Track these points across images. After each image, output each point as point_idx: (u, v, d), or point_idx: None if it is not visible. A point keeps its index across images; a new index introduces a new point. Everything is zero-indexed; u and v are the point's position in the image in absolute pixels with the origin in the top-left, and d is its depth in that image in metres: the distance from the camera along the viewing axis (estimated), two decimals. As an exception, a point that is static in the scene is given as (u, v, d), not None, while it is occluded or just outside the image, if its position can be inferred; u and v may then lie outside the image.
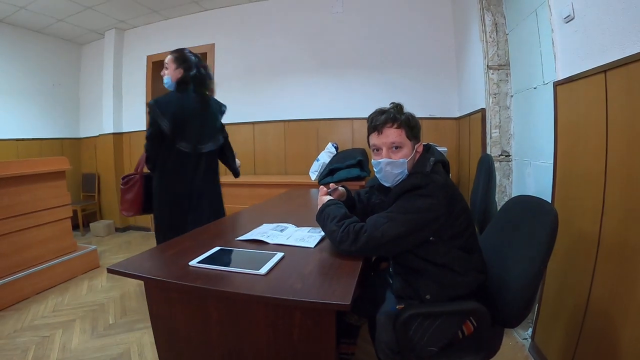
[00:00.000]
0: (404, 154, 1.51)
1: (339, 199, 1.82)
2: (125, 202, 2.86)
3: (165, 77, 2.69)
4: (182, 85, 2.65)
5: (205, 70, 2.76)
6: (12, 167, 3.47)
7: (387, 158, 1.51)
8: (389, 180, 1.56)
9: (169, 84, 2.68)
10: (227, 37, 5.39)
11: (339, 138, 4.76)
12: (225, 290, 1.20)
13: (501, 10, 3.16)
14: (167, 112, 2.52)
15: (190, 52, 2.72)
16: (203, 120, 2.73)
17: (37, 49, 5.79)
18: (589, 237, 1.76)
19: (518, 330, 2.52)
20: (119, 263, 1.44)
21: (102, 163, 6.22)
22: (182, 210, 2.65)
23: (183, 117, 2.58)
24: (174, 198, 2.66)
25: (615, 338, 1.56)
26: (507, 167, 3.14)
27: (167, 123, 2.51)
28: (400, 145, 1.51)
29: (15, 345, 2.60)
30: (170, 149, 2.60)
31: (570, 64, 1.95)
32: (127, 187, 2.84)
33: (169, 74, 2.67)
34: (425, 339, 1.39)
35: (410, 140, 1.52)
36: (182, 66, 2.65)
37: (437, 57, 4.50)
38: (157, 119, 2.50)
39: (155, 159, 2.65)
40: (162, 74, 2.71)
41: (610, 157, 1.64)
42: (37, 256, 3.65)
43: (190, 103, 2.64)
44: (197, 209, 2.70)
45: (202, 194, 2.75)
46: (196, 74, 2.67)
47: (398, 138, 1.50)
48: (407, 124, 1.51)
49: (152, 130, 2.54)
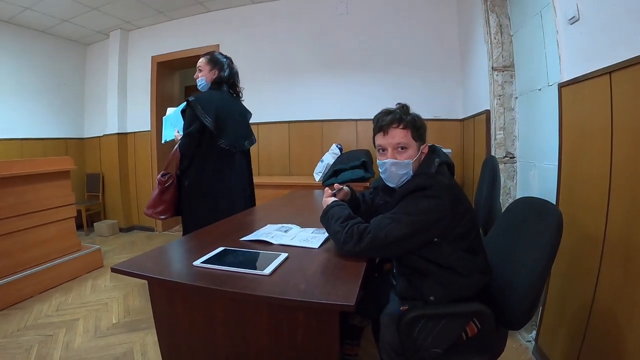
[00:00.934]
0: (409, 155, 1.50)
1: (344, 199, 1.82)
2: (163, 202, 2.69)
3: (199, 79, 2.76)
4: (217, 86, 2.74)
5: (235, 70, 2.84)
6: (16, 166, 3.48)
7: (392, 159, 1.51)
8: (394, 180, 1.55)
9: (204, 85, 2.76)
10: (231, 38, 5.40)
11: (343, 139, 4.76)
12: (229, 290, 1.19)
13: (506, 11, 3.15)
14: (210, 109, 2.57)
15: (220, 54, 2.81)
16: (239, 119, 2.82)
17: (42, 49, 5.82)
18: (594, 239, 1.75)
19: (522, 333, 2.51)
20: (122, 262, 1.44)
21: (107, 163, 6.24)
22: (220, 209, 2.62)
23: (224, 115, 2.64)
24: (213, 196, 2.67)
25: (620, 340, 1.55)
26: (511, 169, 3.13)
27: (211, 120, 2.55)
28: (406, 146, 1.50)
29: (19, 343, 2.61)
30: (210, 147, 2.63)
31: (575, 65, 1.95)
32: (166, 186, 2.68)
33: (203, 76, 2.74)
34: (429, 341, 1.39)
35: (415, 141, 1.51)
36: (216, 67, 2.74)
37: (442, 59, 4.49)
38: (200, 116, 2.53)
39: (192, 156, 2.64)
40: (196, 77, 2.78)
41: (615, 158, 1.63)
42: (41, 255, 3.67)
43: (227, 102, 2.72)
44: (234, 207, 2.70)
45: (239, 193, 2.81)
46: (230, 75, 2.77)
47: (404, 139, 1.50)
48: (413, 124, 1.51)
49: (194, 127, 2.55)
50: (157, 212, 2.69)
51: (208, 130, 2.58)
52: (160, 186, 2.67)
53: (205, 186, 2.67)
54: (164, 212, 2.72)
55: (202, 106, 2.56)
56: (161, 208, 2.69)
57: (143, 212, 2.83)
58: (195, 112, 2.54)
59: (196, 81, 2.79)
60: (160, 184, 2.67)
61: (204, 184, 2.67)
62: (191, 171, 2.67)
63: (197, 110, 2.54)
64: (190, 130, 2.56)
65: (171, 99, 6.28)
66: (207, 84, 2.76)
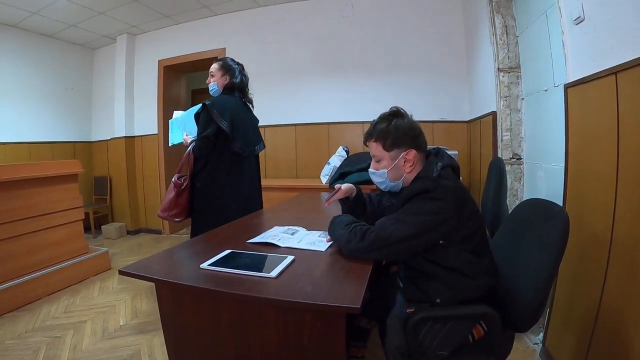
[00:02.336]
0: (383, 165, 1.60)
1: (348, 195, 1.87)
2: (178, 205, 2.71)
3: (211, 84, 2.81)
4: (228, 91, 2.80)
5: (246, 77, 2.91)
6: (25, 169, 3.52)
7: (373, 169, 1.64)
8: (381, 187, 1.67)
9: (215, 90, 2.81)
10: (237, 41, 5.43)
11: (350, 141, 4.75)
12: (236, 292, 1.20)
13: (511, 12, 3.15)
14: (226, 113, 2.62)
15: (232, 60, 2.87)
16: (250, 123, 2.90)
17: (50, 54, 5.88)
18: (601, 240, 1.74)
19: (529, 335, 2.50)
20: (130, 265, 1.45)
21: (114, 166, 6.29)
22: (231, 211, 2.64)
23: (238, 120, 2.70)
24: (224, 198, 2.70)
25: (628, 342, 1.54)
26: (518, 170, 3.12)
27: (227, 123, 2.60)
28: (379, 158, 1.61)
29: (27, 345, 2.63)
30: (223, 150, 2.68)
31: (581, 65, 1.94)
32: (182, 189, 2.70)
33: (215, 81, 2.80)
34: (436, 343, 1.39)
35: (388, 151, 1.57)
36: (227, 73, 2.80)
37: (448, 60, 4.49)
38: (216, 119, 2.58)
39: (206, 159, 2.68)
40: (208, 82, 2.83)
41: (622, 158, 1.62)
42: (50, 258, 3.70)
43: (239, 107, 2.79)
44: (245, 210, 2.73)
45: (250, 195, 2.87)
46: (241, 81, 2.84)
47: (376, 151, 1.61)
48: (382, 136, 1.57)
49: (210, 130, 2.59)
50: (172, 215, 2.71)
51: (223, 134, 2.62)
52: (177, 189, 2.70)
53: (218, 188, 2.70)
54: (179, 215, 2.74)
55: (218, 110, 2.60)
56: (176, 211, 2.72)
57: (157, 215, 2.84)
58: (212, 115, 2.58)
59: (208, 86, 2.85)
60: (176, 186, 2.70)
61: (216, 187, 2.70)
62: (204, 174, 2.70)
63: (213, 114, 2.58)
64: (206, 133, 2.60)
65: (178, 102, 6.32)
66: (218, 89, 2.81)
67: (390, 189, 1.65)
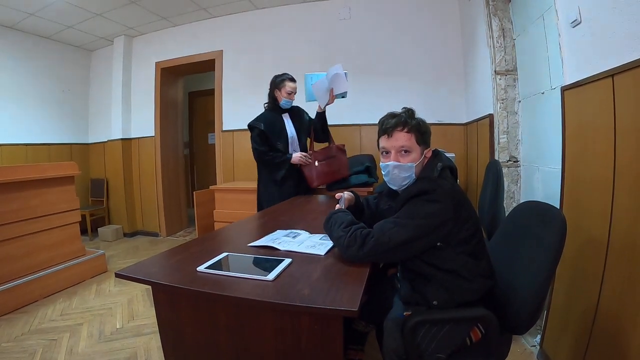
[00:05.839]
0: (412, 159, 1.52)
1: (348, 205, 1.85)
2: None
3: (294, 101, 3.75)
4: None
5: None
6: (21, 171, 3.50)
7: (396, 161, 1.53)
8: (396, 183, 1.57)
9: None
10: (235, 43, 5.42)
11: (347, 144, 4.71)
12: (233, 295, 1.19)
13: (508, 15, 3.16)
14: None
15: None
16: None
17: (46, 55, 5.85)
18: (598, 242, 1.75)
19: (526, 337, 2.50)
20: (127, 268, 1.44)
21: (111, 168, 6.26)
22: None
23: None
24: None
25: (626, 344, 1.55)
26: (515, 173, 3.13)
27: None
28: (409, 149, 1.52)
29: (23, 348, 2.62)
30: None
31: (578, 68, 1.95)
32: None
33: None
34: (433, 346, 1.39)
35: (419, 145, 1.53)
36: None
37: (445, 63, 4.49)
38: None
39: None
40: (292, 99, 3.74)
41: (619, 161, 1.63)
42: (46, 260, 3.68)
43: None
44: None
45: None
46: None
47: (407, 142, 1.52)
48: (417, 129, 1.52)
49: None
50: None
51: None
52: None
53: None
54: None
55: None
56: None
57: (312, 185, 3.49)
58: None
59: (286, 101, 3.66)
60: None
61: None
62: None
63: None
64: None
65: (175, 104, 6.33)
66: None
67: (405, 187, 1.56)
